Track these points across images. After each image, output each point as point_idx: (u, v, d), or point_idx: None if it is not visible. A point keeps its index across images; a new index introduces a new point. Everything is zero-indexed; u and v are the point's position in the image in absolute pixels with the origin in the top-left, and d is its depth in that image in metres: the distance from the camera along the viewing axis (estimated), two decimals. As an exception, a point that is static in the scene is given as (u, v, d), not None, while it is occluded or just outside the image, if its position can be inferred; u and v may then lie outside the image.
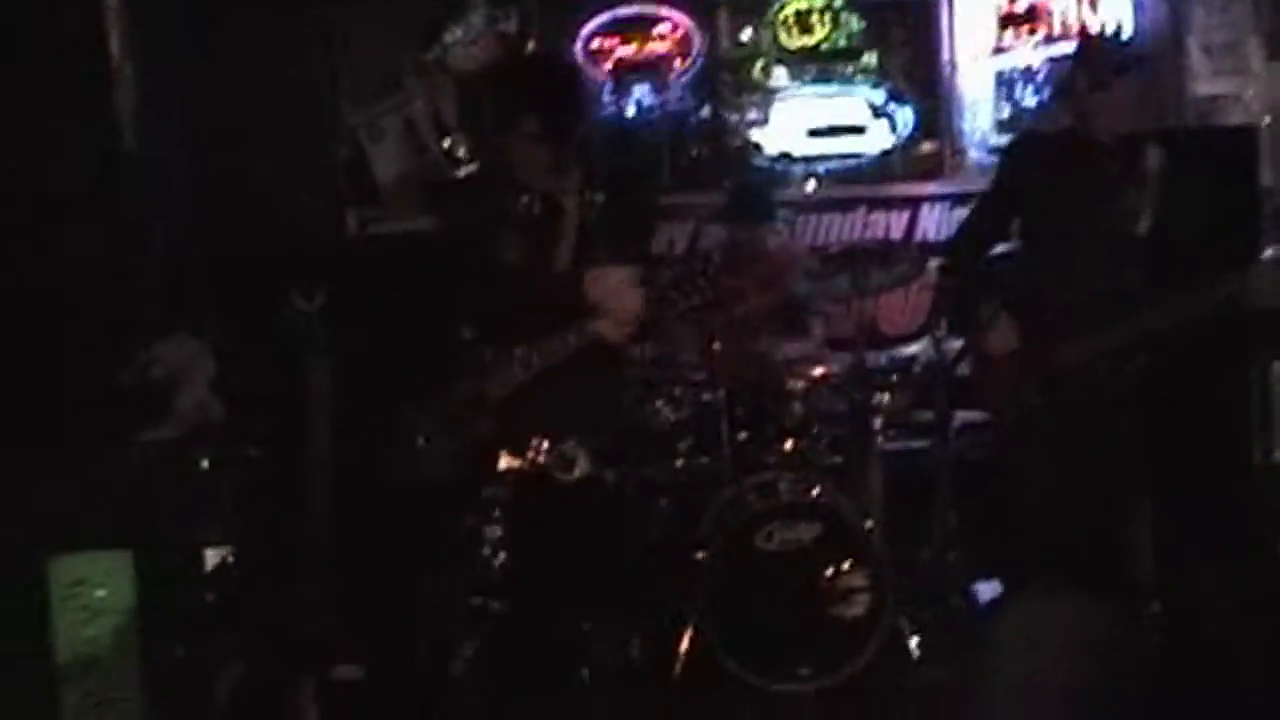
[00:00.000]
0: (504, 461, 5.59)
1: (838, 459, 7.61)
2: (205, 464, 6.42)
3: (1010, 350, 6.25)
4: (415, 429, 5.71)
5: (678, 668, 6.82)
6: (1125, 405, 6.11)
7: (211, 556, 6.43)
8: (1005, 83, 9.96)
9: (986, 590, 7.30)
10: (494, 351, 5.62)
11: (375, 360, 5.92)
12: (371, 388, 5.69)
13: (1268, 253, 6.00)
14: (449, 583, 5.84)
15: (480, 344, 5.71)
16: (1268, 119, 8.86)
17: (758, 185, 9.30)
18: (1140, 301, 5.99)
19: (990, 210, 6.65)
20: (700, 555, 6.95)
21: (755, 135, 10.45)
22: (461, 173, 9.82)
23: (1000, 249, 6.70)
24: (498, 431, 5.62)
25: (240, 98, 9.09)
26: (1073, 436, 6.12)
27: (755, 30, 10.66)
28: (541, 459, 5.52)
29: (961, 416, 7.74)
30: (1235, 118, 9.08)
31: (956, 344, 7.29)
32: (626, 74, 10.51)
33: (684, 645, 6.86)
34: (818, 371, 7.82)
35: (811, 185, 10.26)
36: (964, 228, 6.85)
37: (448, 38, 10.26)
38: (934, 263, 7.62)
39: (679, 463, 7.61)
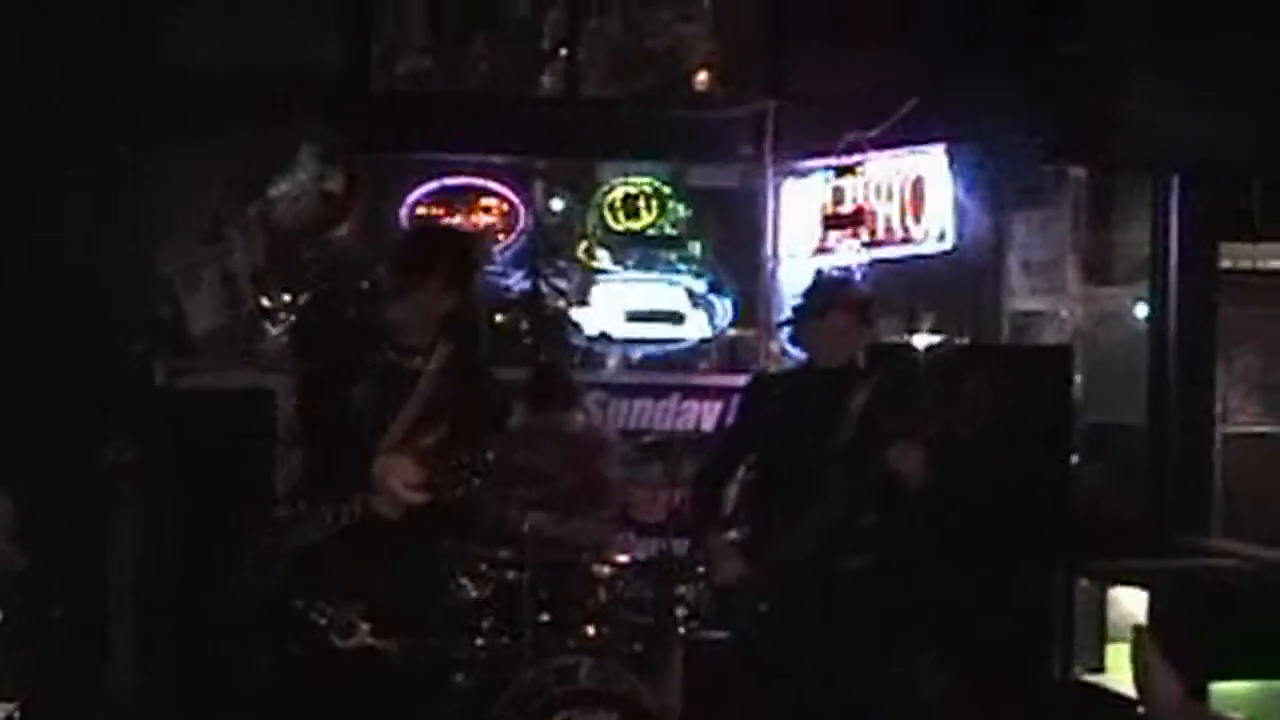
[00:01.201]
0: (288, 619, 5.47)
1: (638, 646, 7.55)
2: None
3: (737, 577, 6.39)
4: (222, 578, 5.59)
5: None
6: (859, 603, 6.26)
7: (-1, 712, 6.23)
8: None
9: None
10: (303, 508, 5.52)
11: (183, 511, 5.77)
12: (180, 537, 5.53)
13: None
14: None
15: (295, 497, 5.59)
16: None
17: (558, 371, 9.17)
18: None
19: (726, 450, 6.98)
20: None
21: (575, 314, 10.47)
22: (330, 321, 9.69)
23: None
24: (292, 588, 5.51)
25: (53, 234, 8.93)
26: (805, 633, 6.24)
27: (581, 210, 10.73)
28: (322, 621, 5.41)
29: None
30: (1050, 335, 9.28)
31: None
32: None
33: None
34: (623, 558, 7.78)
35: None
36: (703, 466, 7.01)
37: (272, 192, 10.18)
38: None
39: (479, 641, 7.49)
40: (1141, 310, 9.42)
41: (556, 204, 10.83)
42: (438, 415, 5.43)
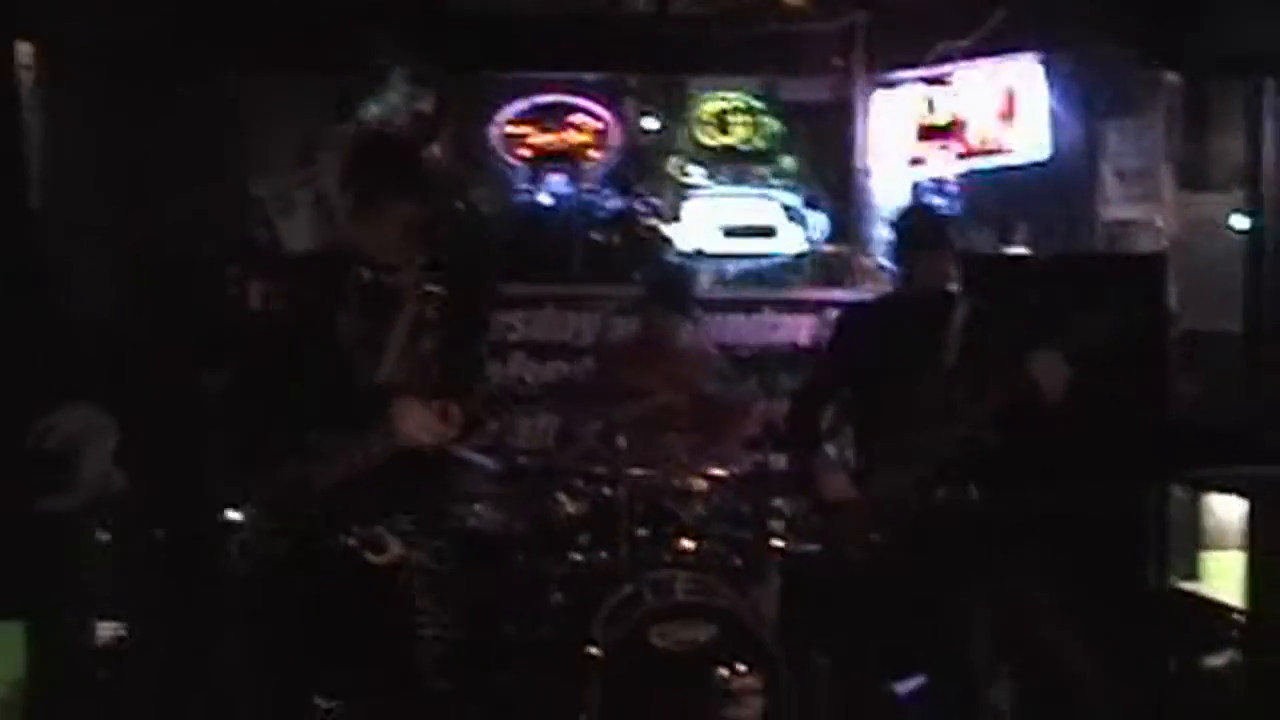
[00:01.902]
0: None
1: (737, 560, 7.60)
2: (105, 537, 6.33)
3: (846, 497, 6.41)
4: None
5: (567, 764, 6.77)
6: (971, 533, 6.27)
7: (104, 630, 6.35)
8: (921, 193, 10.04)
9: (906, 684, 7.27)
10: (321, 437, 5.51)
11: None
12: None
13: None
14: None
15: (310, 426, 5.59)
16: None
17: (677, 275, 9.19)
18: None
19: (824, 375, 6.98)
20: (595, 651, 6.90)
21: (668, 230, 10.50)
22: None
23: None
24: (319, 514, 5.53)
25: (150, 165, 9.03)
26: (913, 563, 6.26)
27: (672, 127, 10.73)
28: (352, 541, 5.44)
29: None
30: (1145, 243, 9.21)
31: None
32: (542, 162, 10.54)
33: (575, 741, 6.81)
34: (719, 472, 7.82)
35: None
36: (801, 391, 7.04)
37: (363, 113, 10.23)
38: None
39: (576, 556, 7.57)
40: (1237, 217, 9.32)
41: (648, 121, 10.81)
42: (431, 331, 5.43)
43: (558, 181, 10.56)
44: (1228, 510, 6.88)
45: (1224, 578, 6.85)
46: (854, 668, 6.97)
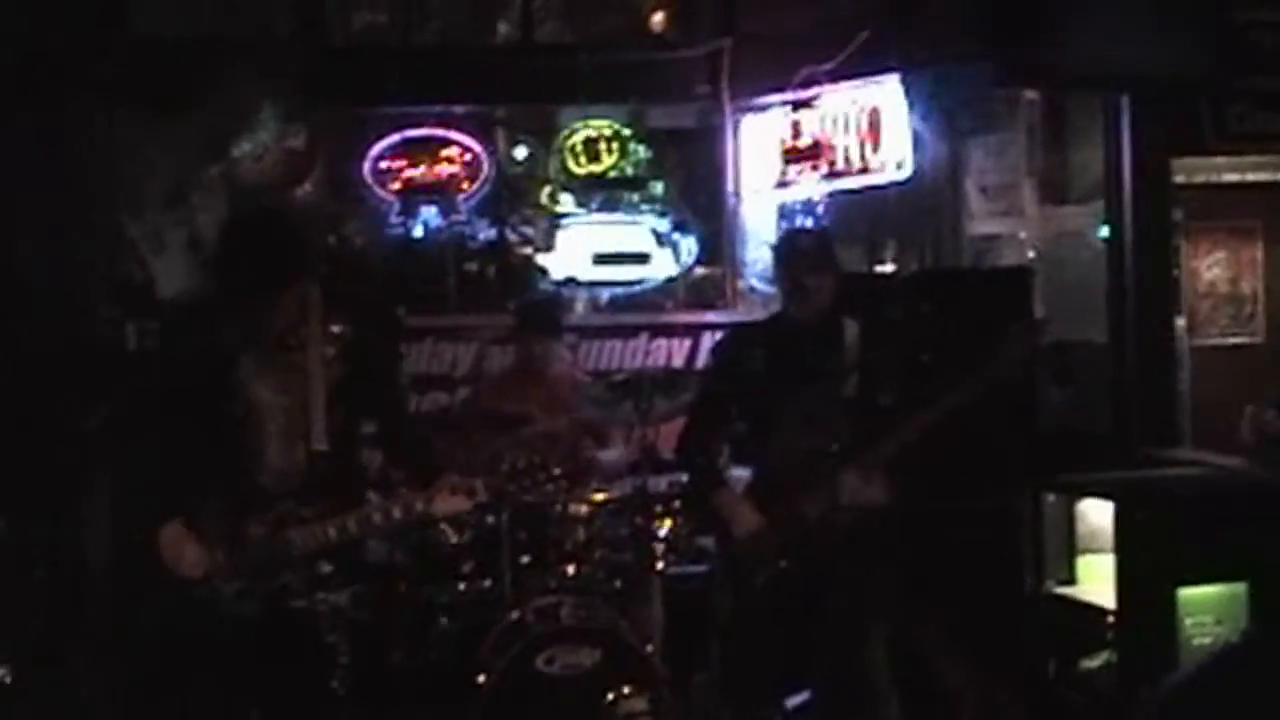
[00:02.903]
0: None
1: (618, 583, 7.66)
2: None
3: (751, 529, 6.47)
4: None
5: (456, 792, 6.80)
6: (874, 548, 6.38)
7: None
8: (788, 214, 10.16)
9: (794, 700, 7.33)
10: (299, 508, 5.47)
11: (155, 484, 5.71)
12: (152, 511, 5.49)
13: None
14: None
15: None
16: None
17: (546, 301, 9.35)
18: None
19: (708, 409, 6.90)
20: (481, 678, 6.93)
21: (541, 259, 10.56)
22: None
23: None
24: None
25: (17, 201, 8.97)
26: (822, 584, 6.36)
27: (542, 156, 10.80)
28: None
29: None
30: (1010, 257, 9.37)
31: (738, 472, 7.40)
32: (415, 195, 10.58)
33: (463, 768, 6.84)
34: (599, 496, 7.88)
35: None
36: (686, 429, 7.04)
37: (235, 152, 10.23)
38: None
39: (461, 585, 7.61)
40: (1099, 228, 9.50)
41: (518, 151, 10.88)
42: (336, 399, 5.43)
43: (431, 214, 10.60)
44: (1100, 515, 7.00)
45: (1097, 581, 6.98)
46: (742, 686, 7.02)
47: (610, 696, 6.85)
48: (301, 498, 5.33)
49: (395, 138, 10.66)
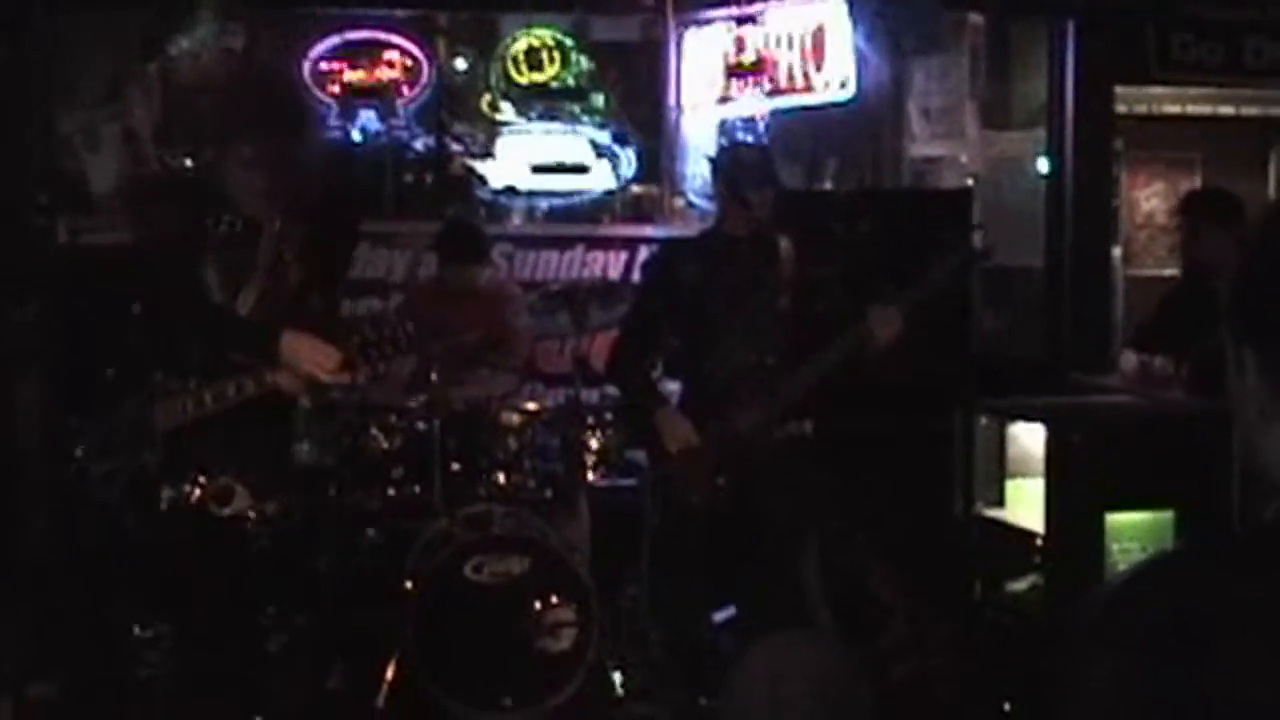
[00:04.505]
0: (164, 491, 5.45)
1: (548, 494, 7.66)
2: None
3: (688, 445, 6.45)
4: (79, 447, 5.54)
5: (381, 698, 6.79)
6: (809, 464, 6.40)
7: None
8: (728, 131, 10.12)
9: (721, 614, 7.36)
10: (167, 379, 5.47)
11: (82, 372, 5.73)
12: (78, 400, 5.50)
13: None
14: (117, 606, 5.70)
15: (158, 367, 5.53)
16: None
17: (468, 225, 9.26)
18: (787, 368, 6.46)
19: (641, 322, 6.97)
20: (409, 585, 6.93)
21: (479, 167, 10.50)
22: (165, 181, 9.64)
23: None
24: (161, 461, 5.48)
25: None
26: (758, 500, 6.37)
27: (484, 63, 10.73)
28: (197, 492, 5.42)
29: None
30: (950, 180, 9.37)
31: (669, 386, 7.40)
32: (353, 98, 10.50)
33: (389, 674, 6.83)
34: (531, 406, 7.87)
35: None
36: (618, 344, 7.05)
37: (172, 49, 10.11)
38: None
39: (390, 491, 7.59)
40: (1040, 155, 9.52)
41: (460, 58, 10.80)
42: (290, 275, 5.42)
43: (369, 118, 10.51)
44: (1030, 439, 7.03)
45: (1026, 505, 7.01)
46: (670, 599, 7.05)
47: (538, 605, 6.85)
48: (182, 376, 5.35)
49: (335, 39, 10.54)
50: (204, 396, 5.36)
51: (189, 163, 9.72)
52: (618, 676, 7.07)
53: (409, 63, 10.60)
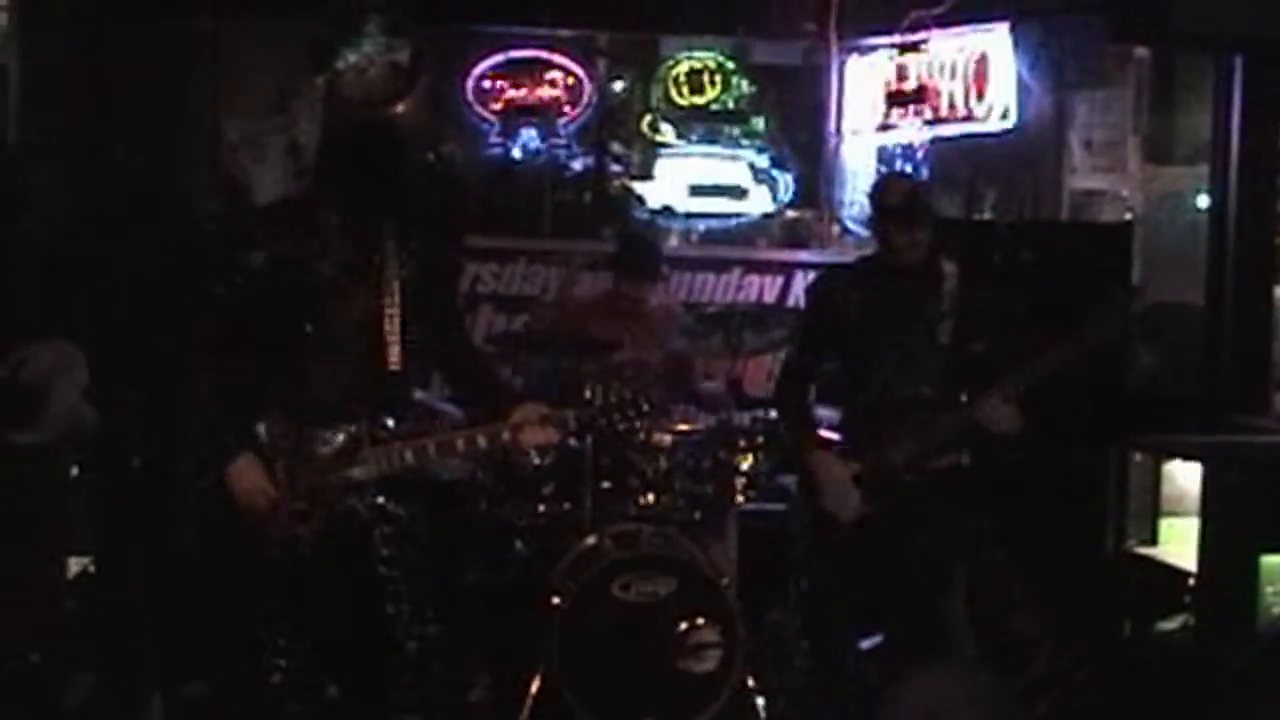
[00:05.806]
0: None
1: (697, 515, 7.67)
2: (75, 470, 6.35)
3: (841, 480, 6.44)
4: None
5: (524, 712, 6.83)
6: (962, 495, 6.36)
7: (74, 565, 6.38)
8: (887, 158, 10.09)
9: (868, 642, 7.33)
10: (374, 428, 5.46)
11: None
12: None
13: None
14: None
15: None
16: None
17: (647, 243, 9.28)
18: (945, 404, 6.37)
19: (804, 350, 6.87)
20: (555, 600, 6.97)
21: (638, 188, 10.55)
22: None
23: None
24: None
25: (122, 103, 9.02)
26: (908, 530, 6.34)
27: (643, 84, 10.78)
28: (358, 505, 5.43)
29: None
30: (1111, 214, 9.29)
31: (822, 412, 7.37)
32: (515, 115, 10.57)
33: (532, 689, 6.87)
34: (683, 426, 7.89)
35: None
36: (784, 370, 7.02)
37: (339, 63, 10.23)
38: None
39: (540, 507, 7.63)
40: (1202, 191, 9.42)
41: (621, 79, 10.86)
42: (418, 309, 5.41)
43: (530, 136, 10.59)
44: (1186, 478, 6.96)
45: (1180, 543, 6.94)
46: (819, 625, 7.03)
47: (683, 626, 6.86)
48: (373, 419, 5.34)
49: (500, 57, 10.62)
50: (428, 448, 5.39)
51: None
52: (761, 701, 7.06)
53: (571, 82, 10.66)
